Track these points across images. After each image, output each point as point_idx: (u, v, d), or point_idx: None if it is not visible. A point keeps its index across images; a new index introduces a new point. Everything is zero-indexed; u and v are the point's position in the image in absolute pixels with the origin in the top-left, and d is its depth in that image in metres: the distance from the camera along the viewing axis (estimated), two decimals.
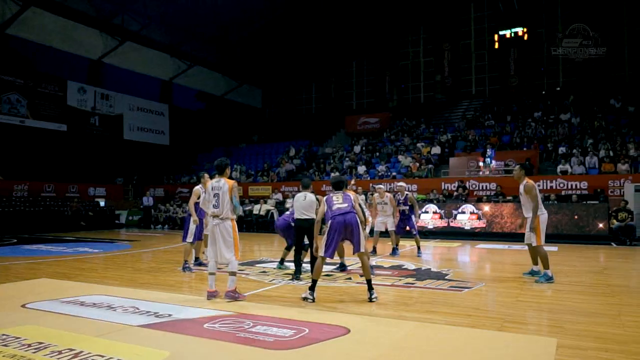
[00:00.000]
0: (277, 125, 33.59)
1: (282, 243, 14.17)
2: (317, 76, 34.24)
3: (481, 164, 19.49)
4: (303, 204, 7.51)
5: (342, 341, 4.28)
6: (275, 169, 24.64)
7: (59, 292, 6.46)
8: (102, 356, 3.82)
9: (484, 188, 18.40)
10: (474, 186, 18.57)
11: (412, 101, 32.06)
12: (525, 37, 28.45)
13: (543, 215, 7.39)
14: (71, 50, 23.72)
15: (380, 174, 21.23)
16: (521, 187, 7.52)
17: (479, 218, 16.16)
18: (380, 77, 32.57)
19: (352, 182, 13.64)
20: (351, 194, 6.46)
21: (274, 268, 8.61)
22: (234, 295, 5.99)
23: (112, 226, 20.94)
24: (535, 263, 7.74)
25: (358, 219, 6.06)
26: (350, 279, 7.61)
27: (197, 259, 8.82)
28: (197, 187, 8.34)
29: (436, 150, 22.70)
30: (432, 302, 5.87)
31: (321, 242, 6.04)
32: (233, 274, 6.07)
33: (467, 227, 16.23)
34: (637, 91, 24.06)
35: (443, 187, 18.79)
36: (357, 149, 25.45)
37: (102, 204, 22.12)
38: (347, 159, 23.90)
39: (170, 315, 5.21)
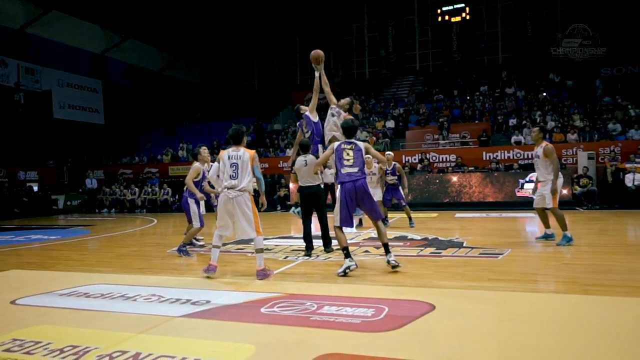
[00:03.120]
0: (220, 102, 32.02)
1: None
2: (259, 52, 32.95)
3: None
4: (306, 170, 6.70)
5: (439, 317, 3.73)
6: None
7: (47, 284, 5.40)
8: (172, 357, 3.04)
9: (444, 160, 18.58)
10: (434, 158, 18.70)
11: (357, 77, 31.80)
12: (467, 15, 28.99)
13: (560, 179, 7.25)
14: None
15: None
16: (540, 150, 7.28)
17: None
18: (324, 52, 31.80)
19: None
20: (362, 144, 5.68)
21: (275, 245, 7.91)
22: (266, 273, 5.34)
23: (49, 212, 18.89)
24: (548, 226, 7.62)
25: (368, 185, 5.65)
26: (368, 251, 7.07)
27: (191, 242, 7.94)
28: (197, 164, 7.53)
29: (390, 124, 22.61)
30: (483, 270, 5.46)
31: (334, 213, 5.61)
32: (260, 250, 5.44)
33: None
34: (571, 67, 25.22)
35: (405, 160, 18.73)
36: None
37: (35, 188, 19.92)
38: None
39: (208, 301, 4.42)
